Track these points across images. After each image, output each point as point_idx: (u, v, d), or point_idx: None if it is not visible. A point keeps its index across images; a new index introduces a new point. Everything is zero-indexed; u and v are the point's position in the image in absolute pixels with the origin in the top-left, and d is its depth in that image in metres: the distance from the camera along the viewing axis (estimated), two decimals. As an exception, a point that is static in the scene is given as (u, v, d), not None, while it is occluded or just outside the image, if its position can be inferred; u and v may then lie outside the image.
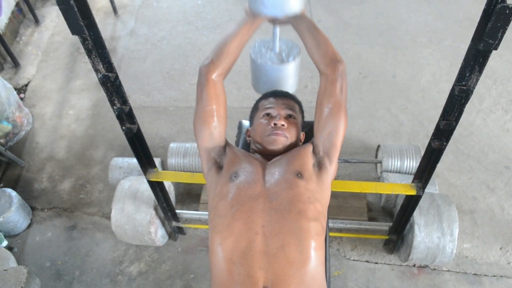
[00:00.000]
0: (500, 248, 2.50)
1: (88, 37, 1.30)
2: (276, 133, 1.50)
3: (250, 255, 1.19)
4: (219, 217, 1.28)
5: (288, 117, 1.58)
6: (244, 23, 1.54)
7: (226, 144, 1.51)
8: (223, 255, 1.22)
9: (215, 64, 1.47)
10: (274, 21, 1.59)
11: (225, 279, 1.20)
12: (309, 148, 1.45)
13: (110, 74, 1.45)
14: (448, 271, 2.40)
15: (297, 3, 1.47)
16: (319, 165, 1.41)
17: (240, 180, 1.33)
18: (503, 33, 1.13)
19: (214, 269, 1.25)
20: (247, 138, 1.71)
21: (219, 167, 1.45)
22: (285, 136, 1.50)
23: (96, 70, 1.43)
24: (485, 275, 2.38)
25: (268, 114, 1.59)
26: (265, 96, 1.69)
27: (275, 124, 1.52)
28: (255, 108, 1.71)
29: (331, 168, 1.43)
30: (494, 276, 2.38)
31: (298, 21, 1.52)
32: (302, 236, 1.22)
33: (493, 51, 1.22)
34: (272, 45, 1.74)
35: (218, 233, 1.26)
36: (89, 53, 1.36)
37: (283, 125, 1.52)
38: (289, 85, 1.74)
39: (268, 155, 1.50)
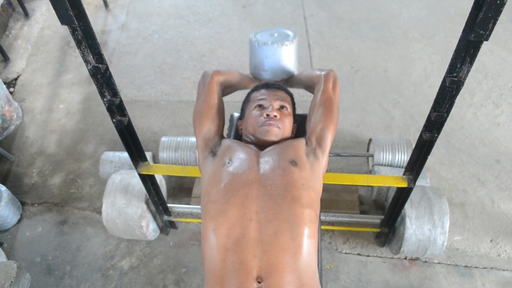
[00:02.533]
0: (491, 241, 2.52)
1: (77, 27, 1.28)
2: (269, 123, 1.50)
3: (245, 243, 1.18)
4: (213, 203, 1.27)
5: (281, 108, 1.59)
6: (248, 78, 1.80)
7: (223, 138, 1.58)
8: (217, 242, 1.21)
9: (221, 74, 1.67)
10: None
11: (218, 267, 1.19)
12: (302, 140, 1.48)
13: (100, 65, 1.43)
14: (439, 263, 2.42)
15: (292, 69, 1.75)
16: (312, 156, 1.43)
17: (234, 166, 1.34)
18: (494, 23, 1.13)
19: (207, 257, 1.24)
20: (239, 130, 1.71)
21: (214, 155, 1.48)
22: (277, 127, 1.51)
23: (86, 61, 1.41)
24: (476, 267, 2.40)
25: (260, 106, 1.58)
26: (257, 88, 1.70)
27: (267, 115, 1.52)
28: (247, 100, 1.70)
29: (323, 160, 1.45)
30: (484, 268, 2.40)
31: (292, 79, 1.77)
32: (296, 223, 1.21)
33: (484, 46, 1.22)
34: None
35: (212, 219, 1.25)
36: (78, 44, 1.35)
37: (275, 116, 1.52)
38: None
39: (261, 146, 1.50)
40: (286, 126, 1.55)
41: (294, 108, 1.72)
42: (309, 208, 1.26)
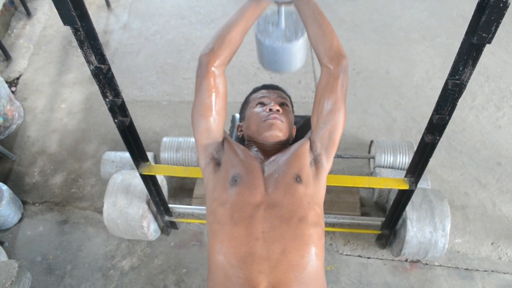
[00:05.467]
0: (492, 243, 2.51)
1: (80, 28, 1.28)
2: (273, 116, 1.48)
3: (250, 260, 1.19)
4: (219, 225, 1.27)
5: (281, 105, 1.58)
6: (247, 7, 1.42)
7: (224, 138, 1.47)
8: (222, 259, 1.22)
9: (216, 54, 1.35)
10: (279, 3, 1.47)
11: (222, 281, 1.21)
12: (306, 145, 1.42)
13: (102, 66, 1.44)
14: (440, 266, 2.42)
15: None
16: (316, 163, 1.40)
17: (240, 185, 1.30)
18: (497, 26, 1.13)
19: (211, 271, 1.26)
20: (239, 133, 1.70)
21: (217, 163, 1.41)
22: (281, 120, 1.49)
23: (88, 62, 1.41)
24: (477, 270, 2.40)
25: (261, 103, 1.58)
26: (256, 89, 1.70)
27: (270, 109, 1.51)
28: (246, 102, 1.70)
29: (328, 165, 1.42)
30: (485, 271, 2.40)
31: (303, 4, 1.38)
32: (303, 242, 1.22)
33: (486, 49, 1.22)
34: (278, 21, 1.58)
35: (218, 239, 1.25)
36: (81, 44, 1.35)
37: (278, 110, 1.52)
38: (298, 60, 1.61)
39: (265, 147, 1.49)
40: (288, 121, 1.54)
41: (292, 109, 1.71)
42: (316, 226, 1.26)
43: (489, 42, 1.18)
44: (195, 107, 1.40)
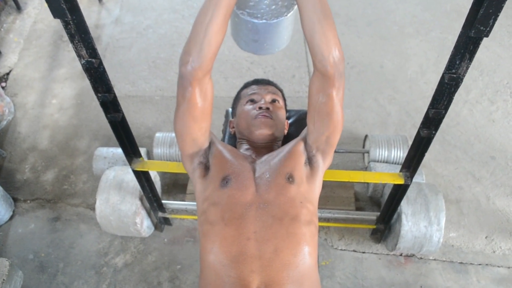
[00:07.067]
0: (486, 237, 2.52)
1: (70, 21, 1.25)
2: (263, 115, 1.47)
3: (242, 259, 1.17)
4: (211, 225, 1.25)
5: (272, 102, 1.57)
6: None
7: (210, 142, 1.40)
8: (213, 259, 1.20)
9: (196, 64, 1.13)
10: None
11: (214, 280, 1.19)
12: (300, 145, 1.37)
13: (93, 60, 1.41)
14: (434, 260, 2.42)
15: None
16: (311, 163, 1.35)
17: (231, 186, 1.27)
18: (495, 20, 1.12)
19: (203, 270, 1.25)
20: (231, 130, 1.68)
21: (205, 167, 1.36)
22: (271, 118, 1.47)
23: (79, 56, 1.38)
24: (471, 263, 2.41)
25: (252, 100, 1.56)
26: (247, 85, 1.69)
27: (260, 107, 1.50)
28: (237, 98, 1.68)
29: (325, 164, 1.38)
30: (479, 264, 2.40)
31: None
32: (296, 241, 1.20)
33: (480, 42, 1.21)
34: None
35: (209, 240, 1.24)
36: (71, 38, 1.32)
37: (268, 108, 1.50)
38: (284, 40, 1.30)
39: (256, 144, 1.48)
40: (279, 119, 1.52)
41: (285, 104, 1.70)
42: (309, 225, 1.24)
43: (487, 36, 1.17)
44: (179, 118, 1.27)
